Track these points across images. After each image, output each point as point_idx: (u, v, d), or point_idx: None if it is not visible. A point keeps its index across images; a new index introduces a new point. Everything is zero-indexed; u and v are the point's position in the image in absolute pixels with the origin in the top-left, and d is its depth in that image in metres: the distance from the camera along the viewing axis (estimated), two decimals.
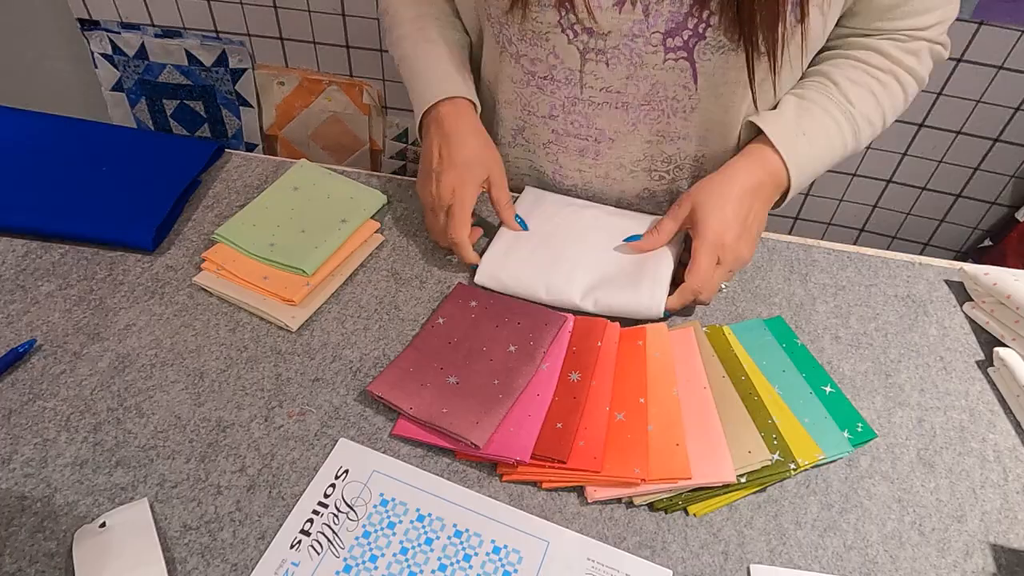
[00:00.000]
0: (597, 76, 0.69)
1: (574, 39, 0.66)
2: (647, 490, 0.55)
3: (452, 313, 0.67)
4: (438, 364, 0.62)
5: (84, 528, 0.51)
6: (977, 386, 0.66)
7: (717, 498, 0.56)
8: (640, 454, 0.56)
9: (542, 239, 0.73)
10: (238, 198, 0.79)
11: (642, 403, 0.59)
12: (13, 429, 0.57)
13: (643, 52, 0.65)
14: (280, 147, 1.74)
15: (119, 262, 0.71)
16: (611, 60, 0.67)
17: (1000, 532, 0.56)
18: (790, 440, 0.58)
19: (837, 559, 0.54)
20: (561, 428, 0.57)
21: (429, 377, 0.61)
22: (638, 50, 0.65)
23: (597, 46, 0.66)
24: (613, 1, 0.62)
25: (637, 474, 0.54)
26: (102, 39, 1.62)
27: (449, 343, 0.64)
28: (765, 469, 0.56)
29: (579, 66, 0.68)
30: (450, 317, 0.67)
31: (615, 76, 0.68)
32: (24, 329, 0.65)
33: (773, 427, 0.59)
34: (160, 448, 0.57)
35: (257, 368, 0.63)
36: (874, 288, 0.74)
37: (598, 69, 0.68)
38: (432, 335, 0.65)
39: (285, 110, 1.68)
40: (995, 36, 1.33)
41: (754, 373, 0.63)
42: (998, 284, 0.69)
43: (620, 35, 0.65)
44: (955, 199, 1.63)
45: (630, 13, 0.63)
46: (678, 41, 0.64)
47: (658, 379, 0.61)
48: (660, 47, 0.64)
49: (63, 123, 0.83)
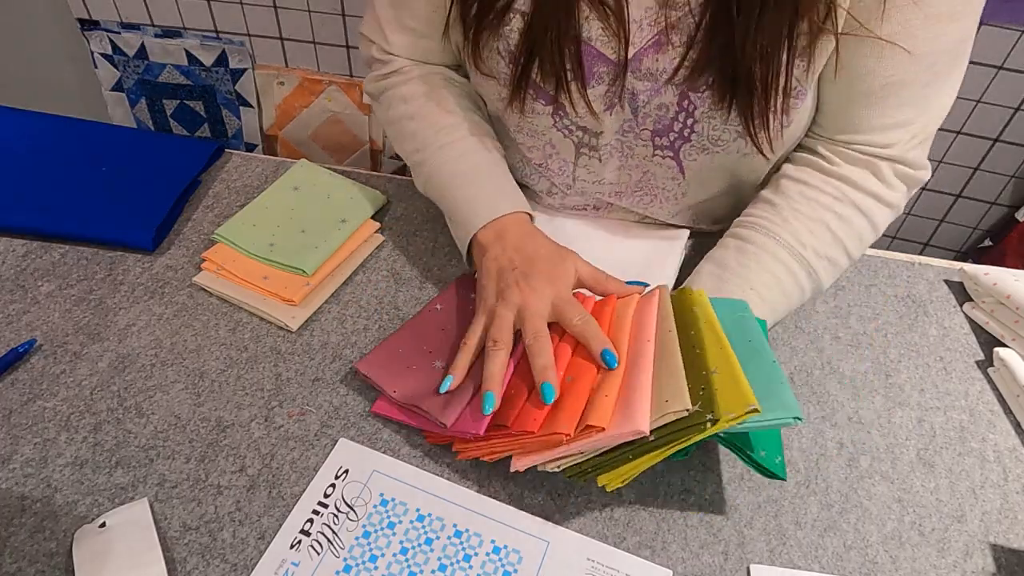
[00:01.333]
0: (590, 170, 0.71)
1: (569, 135, 0.68)
2: (566, 451, 0.51)
3: (451, 302, 0.67)
4: (427, 347, 0.62)
5: (84, 528, 0.51)
6: (977, 386, 0.66)
7: (628, 465, 0.50)
8: (573, 413, 0.51)
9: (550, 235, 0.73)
10: (238, 198, 0.79)
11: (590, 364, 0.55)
12: (13, 429, 0.57)
13: (633, 145, 0.67)
14: (280, 147, 1.74)
15: (119, 262, 0.71)
16: (603, 156, 0.69)
17: (1000, 532, 0.56)
18: (721, 393, 0.49)
19: (837, 559, 0.54)
20: (513, 395, 0.55)
21: (416, 360, 0.61)
22: (629, 144, 0.67)
23: (591, 143, 0.68)
24: (604, 107, 0.64)
25: (563, 430, 0.50)
26: (102, 39, 1.62)
27: (442, 330, 0.64)
28: (680, 422, 0.48)
29: (573, 159, 0.70)
30: (448, 305, 0.67)
31: (607, 169, 0.70)
32: (24, 329, 0.65)
33: (705, 379, 0.50)
34: (160, 448, 0.57)
35: (257, 368, 0.63)
36: (874, 288, 0.74)
37: (591, 163, 0.70)
38: (427, 319, 0.66)
39: (285, 110, 1.68)
40: (995, 36, 1.33)
41: (710, 330, 0.55)
42: (998, 284, 0.69)
43: (611, 133, 0.66)
44: (955, 199, 1.63)
45: (620, 114, 0.65)
46: (665, 140, 0.65)
47: (615, 340, 0.56)
48: (649, 143, 0.66)
49: (63, 123, 0.83)
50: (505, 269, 0.61)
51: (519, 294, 0.58)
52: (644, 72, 0.60)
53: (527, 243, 0.63)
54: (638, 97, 0.62)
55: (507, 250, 0.62)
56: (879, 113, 0.61)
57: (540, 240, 0.64)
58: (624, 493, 0.56)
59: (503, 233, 0.64)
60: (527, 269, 0.60)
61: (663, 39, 0.58)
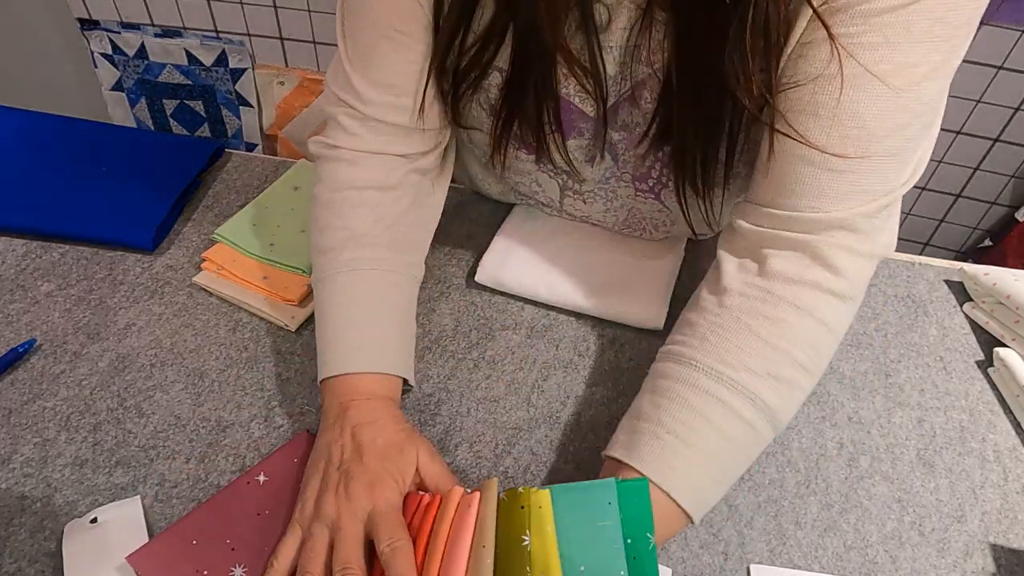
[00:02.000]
0: (576, 208, 0.72)
1: (554, 176, 0.69)
2: None
3: (278, 471, 0.54)
4: (231, 543, 0.50)
5: (74, 523, 0.51)
6: (977, 386, 0.66)
7: None
8: None
9: (542, 238, 0.73)
10: (238, 198, 0.79)
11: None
12: (13, 429, 0.57)
13: (616, 188, 0.67)
14: (280, 147, 1.74)
15: (119, 262, 0.71)
16: (587, 198, 0.70)
17: (1000, 532, 0.56)
18: None
19: (837, 559, 0.54)
20: None
21: (212, 561, 0.48)
22: (611, 187, 0.67)
23: (574, 188, 0.69)
24: (585, 158, 0.64)
25: None
26: (102, 39, 1.62)
27: (257, 514, 0.52)
28: None
29: (559, 197, 0.71)
30: (273, 476, 0.54)
31: (592, 209, 0.71)
32: (24, 329, 0.65)
33: None
34: (160, 448, 0.57)
35: (257, 368, 0.63)
36: (874, 288, 0.74)
37: (576, 203, 0.71)
38: (241, 496, 0.53)
39: (285, 110, 1.68)
40: (995, 36, 1.33)
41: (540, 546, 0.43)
42: (998, 284, 0.69)
43: (594, 182, 0.67)
44: (955, 199, 1.63)
45: (600, 164, 0.65)
46: (645, 186, 0.66)
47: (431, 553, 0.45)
48: (631, 186, 0.66)
49: (63, 123, 0.83)
50: (332, 463, 0.51)
51: (335, 506, 0.48)
52: (620, 124, 0.60)
53: (366, 429, 0.52)
54: (617, 147, 0.63)
55: (344, 433, 0.52)
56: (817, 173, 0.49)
57: (383, 425, 0.53)
58: None
59: (348, 407, 0.54)
60: (351, 467, 0.50)
61: (636, 94, 0.57)
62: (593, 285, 0.68)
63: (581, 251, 0.72)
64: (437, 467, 0.52)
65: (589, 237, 0.74)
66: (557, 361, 0.65)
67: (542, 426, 0.60)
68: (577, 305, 0.68)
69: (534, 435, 0.60)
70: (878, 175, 0.49)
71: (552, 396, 0.63)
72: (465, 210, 0.80)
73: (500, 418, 0.61)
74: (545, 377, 0.64)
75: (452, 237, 0.76)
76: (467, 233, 0.77)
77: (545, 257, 0.71)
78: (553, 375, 0.64)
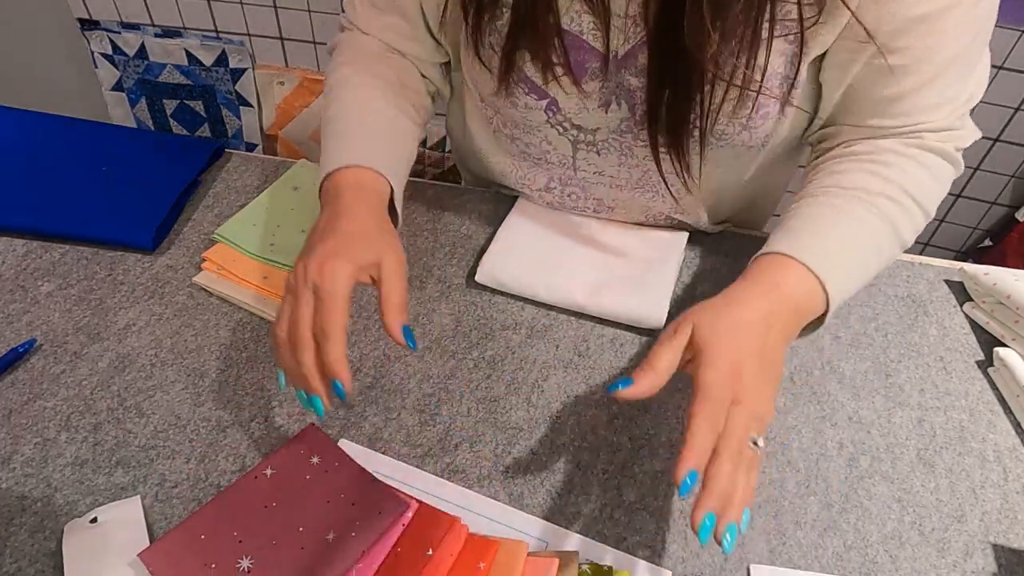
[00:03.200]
0: (590, 162, 0.70)
1: (564, 132, 0.67)
2: None
3: (285, 466, 0.55)
4: (238, 535, 0.51)
5: (74, 522, 0.51)
6: (977, 386, 0.66)
7: None
8: None
9: (542, 237, 0.73)
10: (238, 198, 0.79)
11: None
12: (13, 429, 0.57)
13: (632, 145, 0.66)
14: (280, 147, 1.74)
15: (119, 262, 0.71)
16: (602, 151, 0.68)
17: (1000, 532, 0.56)
18: None
19: (837, 559, 0.54)
20: None
21: (219, 554, 0.49)
22: (627, 144, 0.66)
23: (587, 139, 0.67)
24: (599, 103, 0.63)
25: None
26: (102, 39, 1.62)
27: (264, 507, 0.52)
28: None
29: (571, 152, 0.69)
30: (281, 471, 0.55)
31: (607, 163, 0.69)
32: (24, 329, 0.65)
33: None
34: (160, 448, 0.57)
35: (257, 368, 0.63)
36: (874, 288, 0.74)
37: (590, 156, 0.69)
38: (248, 490, 0.53)
39: (285, 110, 1.68)
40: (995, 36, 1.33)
41: None
42: (998, 284, 0.69)
43: (608, 131, 0.65)
44: (955, 199, 1.63)
45: (616, 112, 0.64)
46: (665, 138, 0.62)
47: None
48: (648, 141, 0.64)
49: (63, 123, 0.83)
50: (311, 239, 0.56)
51: (297, 275, 0.53)
52: (640, 68, 0.60)
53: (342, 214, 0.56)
54: (635, 94, 0.62)
55: (325, 213, 0.58)
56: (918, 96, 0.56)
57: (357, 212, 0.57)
58: (624, 493, 0.56)
59: (337, 195, 0.58)
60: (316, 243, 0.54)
61: None
62: (593, 285, 0.68)
63: (581, 250, 0.72)
64: (395, 272, 0.54)
65: (589, 236, 0.74)
66: (557, 361, 0.65)
67: (542, 426, 0.60)
68: (577, 304, 0.68)
69: (534, 435, 0.60)
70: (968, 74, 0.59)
71: (552, 396, 0.63)
72: (465, 210, 0.80)
73: (500, 418, 0.61)
74: (545, 377, 0.64)
75: (452, 237, 0.76)
76: (467, 233, 0.77)
77: (545, 257, 0.71)
78: (553, 375, 0.64)
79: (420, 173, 1.39)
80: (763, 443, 0.46)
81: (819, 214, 0.56)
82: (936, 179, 0.59)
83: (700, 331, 0.48)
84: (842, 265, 0.54)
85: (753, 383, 0.47)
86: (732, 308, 0.50)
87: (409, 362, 0.65)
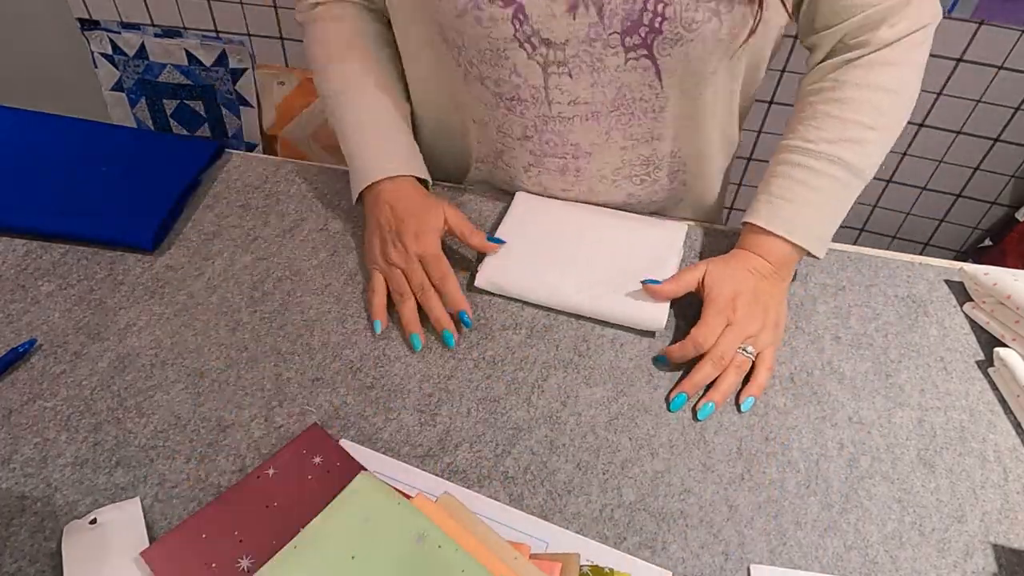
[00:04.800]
0: (562, 90, 0.68)
1: (533, 53, 0.66)
2: None
3: (287, 466, 0.55)
4: (239, 535, 0.51)
5: (74, 524, 0.51)
6: (977, 386, 0.66)
7: None
8: None
9: (540, 240, 0.73)
10: (238, 198, 0.79)
11: None
12: (13, 429, 0.57)
13: (603, 55, 0.65)
14: (280, 147, 1.74)
15: (119, 262, 0.71)
16: (573, 71, 0.67)
17: (1000, 532, 0.56)
18: None
19: (837, 559, 0.54)
20: None
21: (220, 553, 0.50)
22: (597, 54, 0.65)
23: (557, 58, 0.66)
24: (566, 7, 0.62)
25: None
26: (102, 39, 1.62)
27: (266, 507, 0.53)
28: None
29: (543, 82, 0.68)
30: (283, 471, 0.55)
31: (579, 86, 0.68)
32: (24, 329, 0.65)
33: None
34: (160, 448, 0.57)
35: (257, 368, 0.63)
36: (874, 288, 0.74)
37: (562, 82, 0.68)
38: (250, 490, 0.54)
39: (285, 110, 1.68)
40: (995, 36, 1.33)
41: None
42: (998, 284, 0.69)
43: (578, 42, 0.64)
44: (955, 199, 1.63)
45: (584, 17, 0.62)
46: (636, 39, 0.63)
47: None
48: (619, 47, 0.64)
49: (63, 123, 0.83)
50: (383, 229, 0.70)
51: (398, 253, 0.69)
52: None
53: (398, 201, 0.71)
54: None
55: (384, 208, 0.71)
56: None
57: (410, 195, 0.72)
58: (624, 493, 0.56)
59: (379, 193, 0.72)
60: (398, 227, 0.69)
61: None
62: (593, 287, 0.68)
63: (580, 250, 0.72)
64: (458, 216, 0.71)
65: (588, 232, 0.74)
66: (557, 361, 0.65)
67: (542, 426, 0.60)
68: (579, 308, 0.68)
69: (534, 435, 0.60)
70: None
71: (552, 396, 0.63)
72: (464, 210, 0.80)
73: (500, 418, 0.61)
74: (545, 377, 0.64)
75: (452, 238, 0.76)
76: None
77: (543, 259, 0.71)
78: (553, 375, 0.64)
79: None
80: (753, 350, 0.64)
81: (793, 181, 0.68)
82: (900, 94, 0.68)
83: (709, 276, 0.67)
84: (817, 225, 0.69)
85: (745, 312, 0.65)
86: (732, 263, 0.68)
87: (409, 362, 0.65)
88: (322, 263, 0.73)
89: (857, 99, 0.67)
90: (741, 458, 0.59)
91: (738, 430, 0.61)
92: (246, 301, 0.69)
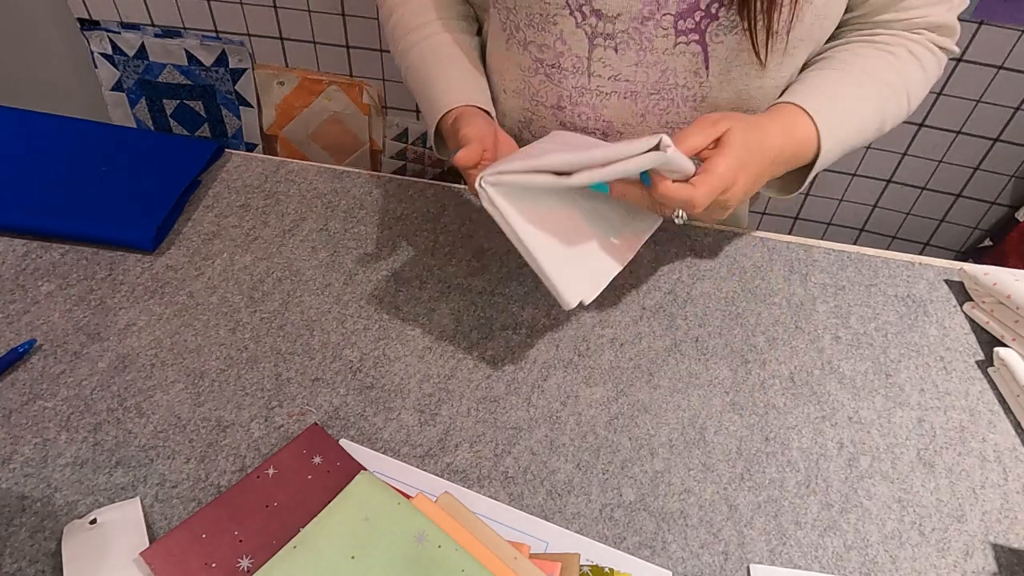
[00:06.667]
0: (605, 63, 0.67)
1: (582, 22, 0.65)
2: None
3: (287, 465, 0.55)
4: (239, 535, 0.51)
5: (73, 524, 0.51)
6: (977, 386, 0.66)
7: None
8: None
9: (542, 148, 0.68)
10: (238, 198, 0.79)
11: None
12: (13, 429, 0.57)
13: (653, 36, 0.64)
14: (280, 147, 1.74)
15: (119, 262, 0.71)
16: (620, 45, 0.65)
17: (1000, 532, 0.56)
18: None
19: (837, 559, 0.54)
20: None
21: (220, 553, 0.50)
22: (648, 34, 0.64)
23: (605, 30, 0.65)
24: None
25: None
26: (102, 39, 1.62)
27: (266, 507, 0.53)
28: None
29: (587, 52, 0.67)
30: (283, 471, 0.55)
31: (623, 63, 0.67)
32: (24, 329, 0.65)
33: None
34: (160, 448, 0.57)
35: (257, 368, 0.63)
36: (874, 288, 0.74)
37: (606, 56, 0.66)
38: (250, 490, 0.54)
39: (285, 110, 1.68)
40: (995, 36, 1.33)
41: None
42: (998, 284, 0.69)
43: (630, 18, 0.63)
44: (955, 199, 1.63)
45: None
46: (690, 23, 0.62)
47: None
48: (671, 30, 0.63)
49: (63, 123, 0.83)
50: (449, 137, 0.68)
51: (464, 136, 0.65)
52: None
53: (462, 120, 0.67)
54: None
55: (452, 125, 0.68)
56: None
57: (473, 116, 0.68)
58: (624, 493, 0.56)
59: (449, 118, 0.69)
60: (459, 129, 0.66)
61: None
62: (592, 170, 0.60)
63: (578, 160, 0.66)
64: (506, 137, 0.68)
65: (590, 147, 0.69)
66: (557, 361, 0.65)
67: (542, 426, 0.60)
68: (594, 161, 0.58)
69: (534, 435, 0.60)
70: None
71: (552, 396, 0.63)
72: (465, 210, 0.80)
73: (500, 418, 0.61)
74: (545, 377, 0.64)
75: (452, 237, 0.76)
76: (467, 233, 0.77)
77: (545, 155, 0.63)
78: (553, 375, 0.64)
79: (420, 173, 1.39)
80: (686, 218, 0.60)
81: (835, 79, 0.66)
82: (927, 79, 0.69)
83: (732, 135, 0.58)
84: (841, 128, 0.65)
85: (738, 191, 0.59)
86: (760, 132, 0.60)
87: (409, 362, 0.65)
88: (322, 263, 0.73)
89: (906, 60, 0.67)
90: (741, 458, 0.59)
91: (738, 430, 0.61)
92: (246, 301, 0.69)
